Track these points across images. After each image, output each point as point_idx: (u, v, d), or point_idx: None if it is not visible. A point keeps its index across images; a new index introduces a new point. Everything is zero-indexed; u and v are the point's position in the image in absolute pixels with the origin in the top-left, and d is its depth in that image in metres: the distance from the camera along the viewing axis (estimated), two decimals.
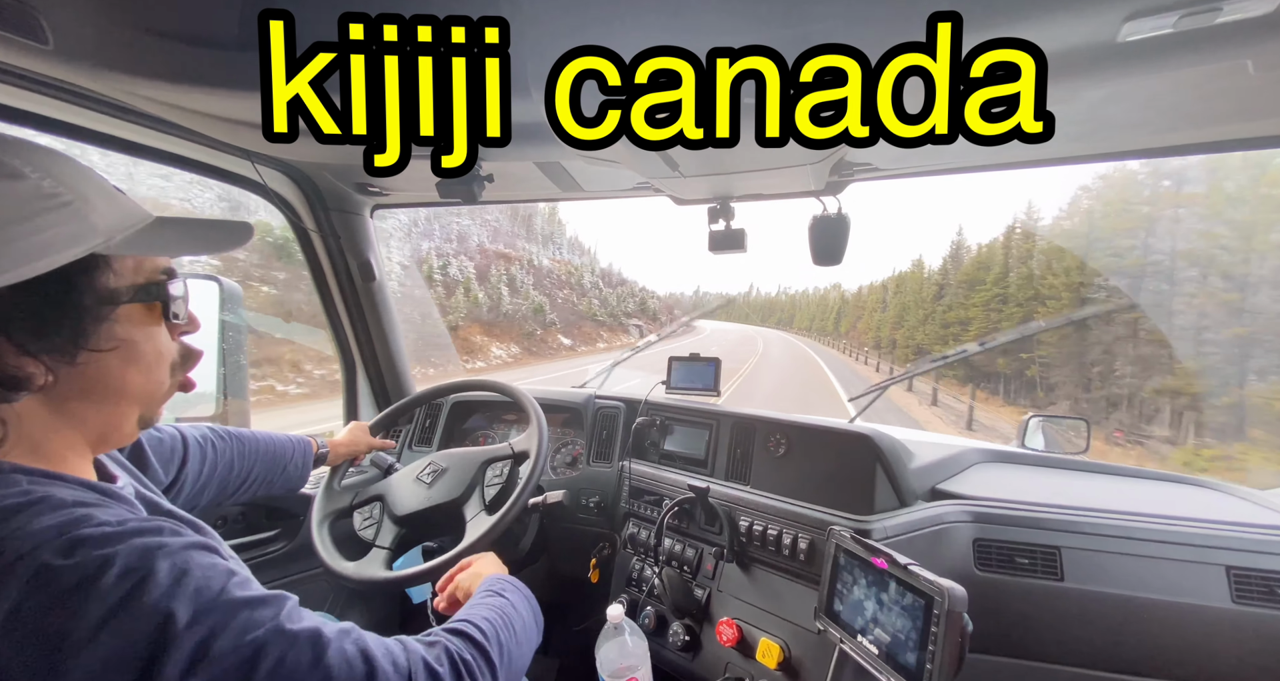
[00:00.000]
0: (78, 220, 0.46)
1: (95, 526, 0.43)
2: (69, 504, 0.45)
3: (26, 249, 0.43)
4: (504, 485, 1.15)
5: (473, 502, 1.13)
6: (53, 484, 0.47)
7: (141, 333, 0.53)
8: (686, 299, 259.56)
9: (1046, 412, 1.59)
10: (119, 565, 0.41)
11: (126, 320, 0.52)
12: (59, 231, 0.45)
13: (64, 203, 0.46)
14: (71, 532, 0.42)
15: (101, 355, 0.50)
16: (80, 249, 0.46)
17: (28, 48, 0.75)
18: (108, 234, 0.48)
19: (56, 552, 0.40)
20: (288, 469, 1.07)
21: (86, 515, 0.44)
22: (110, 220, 0.49)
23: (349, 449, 1.25)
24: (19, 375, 0.46)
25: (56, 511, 0.44)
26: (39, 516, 0.43)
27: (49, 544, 0.41)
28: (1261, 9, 0.61)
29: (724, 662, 1.09)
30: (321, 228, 1.49)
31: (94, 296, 0.49)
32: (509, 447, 1.21)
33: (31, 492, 0.45)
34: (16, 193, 0.44)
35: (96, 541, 0.42)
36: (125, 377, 0.53)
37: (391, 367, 1.71)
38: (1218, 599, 0.92)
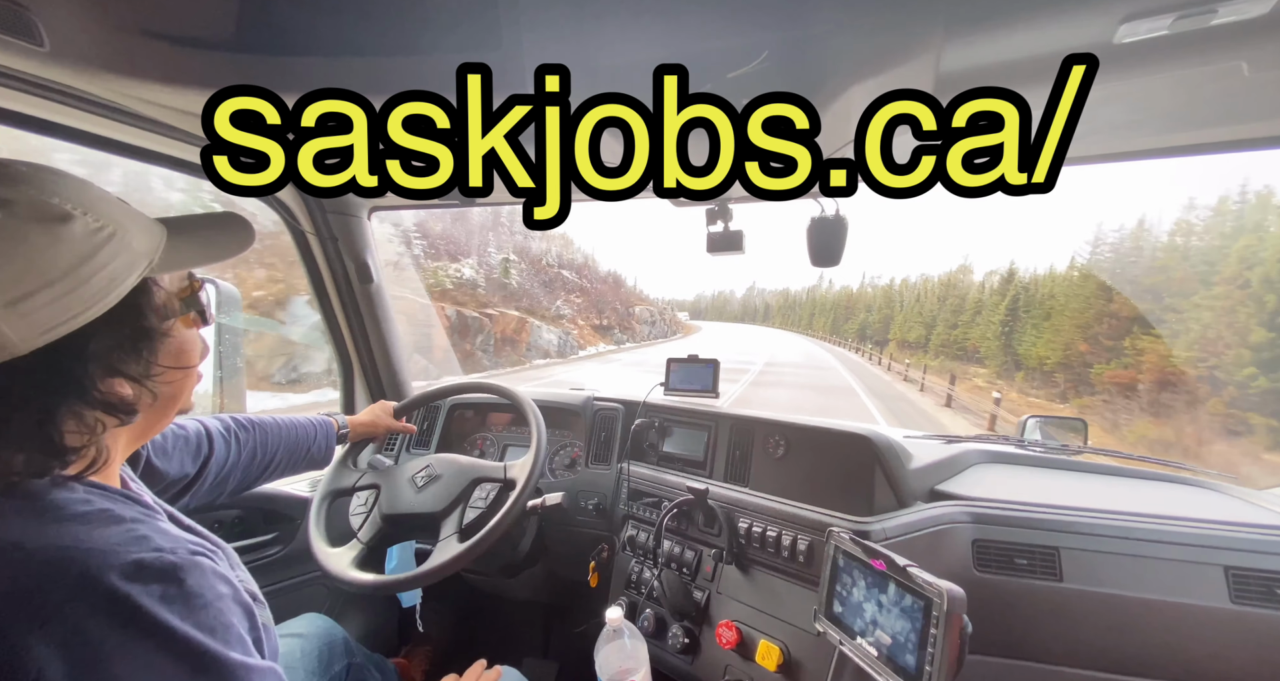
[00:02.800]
0: (125, 248, 0.49)
1: (155, 552, 0.45)
2: (126, 519, 0.48)
3: (99, 285, 0.46)
4: (484, 511, 1.12)
5: (450, 521, 1.11)
6: (104, 496, 0.50)
7: (187, 337, 0.58)
8: (685, 303, 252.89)
9: (1046, 414, 1.57)
10: (168, 606, 0.43)
11: (178, 332, 0.57)
12: (118, 263, 0.48)
13: (110, 235, 0.48)
14: (135, 553, 0.44)
15: (171, 368, 0.55)
16: (136, 275, 0.50)
17: (23, 50, 0.74)
18: (149, 255, 0.52)
19: (121, 575, 0.43)
20: (311, 450, 1.09)
21: (145, 536, 0.47)
22: (146, 242, 0.52)
23: (368, 429, 1.26)
24: (128, 400, 0.50)
25: (118, 525, 0.47)
26: (103, 528, 0.46)
27: (117, 566, 0.43)
28: (1257, 11, 0.62)
29: (724, 665, 1.09)
30: (319, 230, 1.48)
31: (156, 316, 0.53)
32: (503, 470, 1.19)
33: (91, 502, 0.48)
34: (73, 234, 0.46)
35: (157, 572, 0.44)
36: (184, 383, 0.58)
37: (389, 370, 1.71)
38: (1217, 599, 0.93)
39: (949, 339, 39.82)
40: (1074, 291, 28.32)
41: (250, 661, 0.46)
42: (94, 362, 0.47)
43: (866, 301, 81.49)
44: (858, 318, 77.39)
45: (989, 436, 1.55)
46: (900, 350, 44.71)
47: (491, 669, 0.92)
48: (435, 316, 16.05)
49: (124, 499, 0.52)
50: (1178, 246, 26.16)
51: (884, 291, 70.27)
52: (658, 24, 0.72)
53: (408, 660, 1.59)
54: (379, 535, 1.14)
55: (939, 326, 42.65)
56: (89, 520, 0.46)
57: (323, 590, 1.43)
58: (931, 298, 50.76)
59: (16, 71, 0.81)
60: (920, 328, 47.51)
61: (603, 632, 0.99)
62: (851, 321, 79.10)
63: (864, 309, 78.50)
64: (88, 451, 0.48)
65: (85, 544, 0.43)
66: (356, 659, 1.08)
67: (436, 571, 1.03)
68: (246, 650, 0.48)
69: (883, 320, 63.27)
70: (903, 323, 52.89)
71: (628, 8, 0.72)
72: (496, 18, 0.73)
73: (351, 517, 1.17)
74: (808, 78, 0.74)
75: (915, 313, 50.96)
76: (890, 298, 65.54)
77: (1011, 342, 30.17)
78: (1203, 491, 1.25)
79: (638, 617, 1.24)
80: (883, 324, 62.58)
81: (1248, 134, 0.96)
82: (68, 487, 0.48)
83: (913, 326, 49.12)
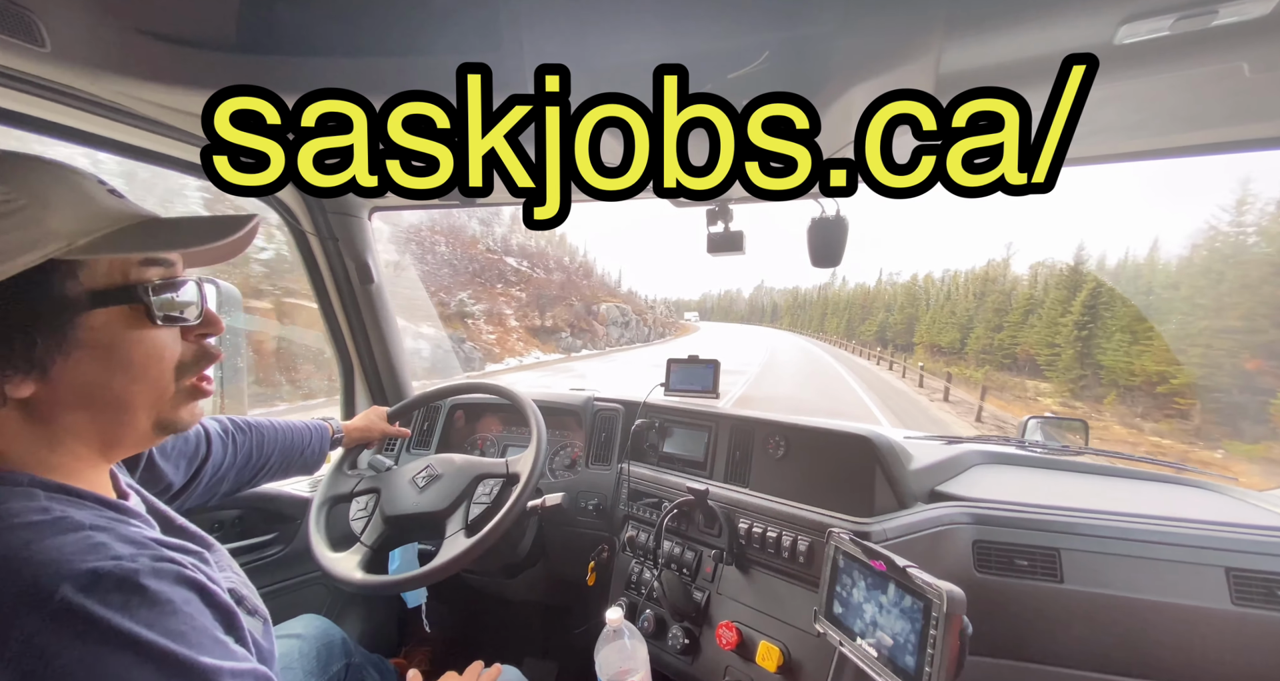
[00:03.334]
0: (31, 225, 0.45)
1: (113, 560, 0.43)
2: (85, 526, 0.45)
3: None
4: (489, 506, 1.13)
5: (455, 518, 1.12)
6: (70, 501, 0.47)
7: (126, 336, 0.51)
8: (691, 303, 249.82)
9: (1046, 415, 1.58)
10: (129, 615, 0.41)
11: (104, 325, 0.50)
12: (6, 239, 0.44)
13: (16, 208, 0.45)
14: (89, 563, 0.41)
15: (76, 363, 0.48)
16: (34, 255, 0.45)
17: (24, 50, 0.75)
18: (69, 237, 0.46)
19: (75, 586, 0.40)
20: (305, 454, 1.09)
21: (102, 543, 0.44)
22: (74, 224, 0.47)
23: (362, 433, 1.26)
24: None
25: (74, 533, 0.44)
26: (56, 537, 0.43)
27: (70, 577, 0.40)
28: (1257, 12, 0.62)
29: (724, 665, 1.08)
30: (319, 230, 1.49)
31: (53, 303, 0.47)
32: (504, 466, 1.19)
33: (50, 510, 0.45)
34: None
35: (116, 581, 0.41)
36: (111, 383, 0.50)
37: (390, 370, 1.71)
38: (1218, 600, 0.92)
39: (992, 343, 33.58)
40: (1208, 279, 17.97)
41: (225, 664, 0.44)
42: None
43: (885, 299, 71.08)
44: (876, 318, 67.66)
45: (990, 437, 1.55)
46: (931, 356, 39.15)
47: (491, 667, 0.92)
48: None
49: (95, 504, 0.49)
50: None
51: (906, 288, 60.64)
52: (658, 24, 0.72)
53: (406, 660, 1.59)
54: (382, 537, 1.14)
55: (977, 328, 36.88)
56: (40, 528, 0.43)
57: (322, 590, 1.43)
58: (965, 294, 44.40)
59: (18, 72, 0.81)
60: (954, 330, 40.91)
61: (603, 633, 0.98)
62: (869, 322, 69.43)
63: (883, 308, 68.59)
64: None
65: (36, 554, 0.41)
66: (355, 659, 1.08)
67: (445, 567, 1.03)
68: (224, 652, 0.46)
69: (906, 321, 55.18)
70: (930, 324, 45.94)
71: (628, 8, 0.72)
72: (496, 18, 0.73)
73: (352, 523, 1.17)
74: (808, 78, 0.74)
75: (946, 312, 44.38)
76: (913, 294, 56.47)
77: (1091, 351, 22.67)
78: (1204, 492, 1.24)
79: (638, 618, 1.23)
80: (906, 325, 54.65)
81: (1249, 135, 0.96)
82: (28, 495, 0.45)
83: (944, 329, 42.46)
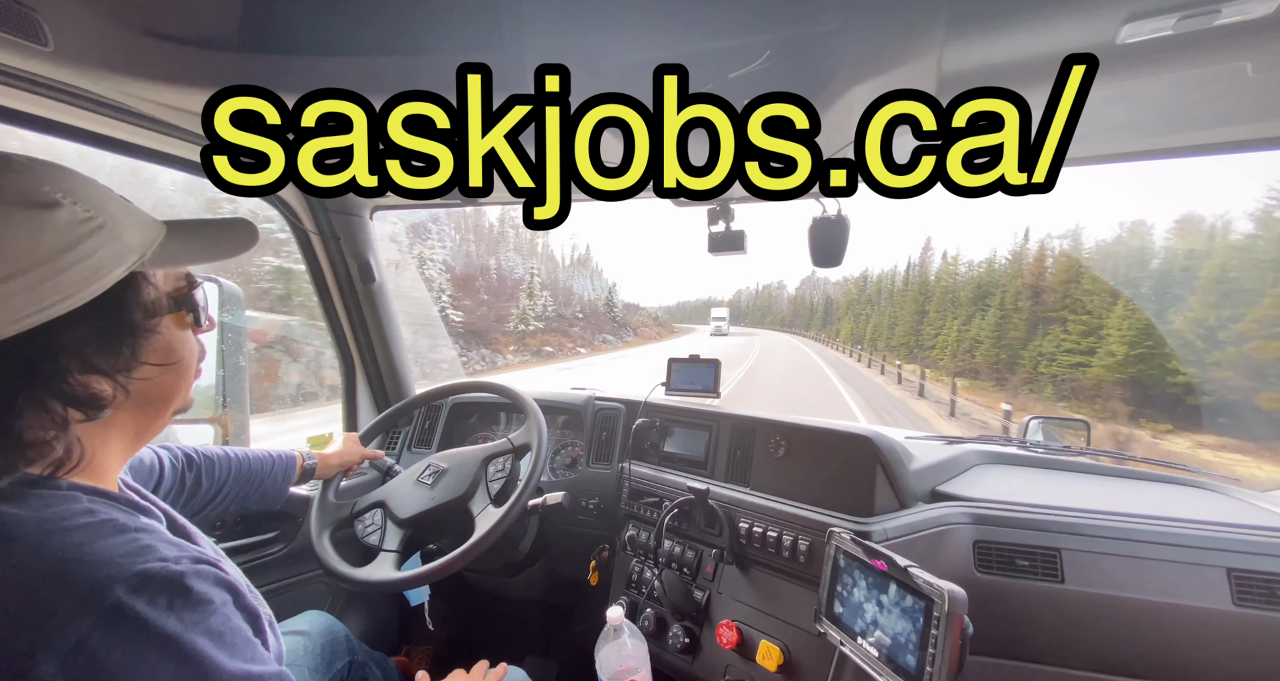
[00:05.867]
0: (114, 240, 0.48)
1: (160, 562, 0.45)
2: (130, 529, 0.47)
3: (80, 275, 0.45)
4: (507, 479, 1.17)
5: (478, 498, 1.14)
6: (108, 504, 0.50)
7: (179, 339, 0.57)
8: (721, 300, 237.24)
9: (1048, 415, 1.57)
10: (175, 615, 0.43)
11: (167, 330, 0.55)
12: (103, 254, 0.47)
13: (99, 225, 0.47)
14: (140, 565, 0.43)
15: (154, 366, 0.53)
16: (123, 268, 0.49)
17: (28, 49, 0.75)
18: (141, 250, 0.50)
19: (128, 588, 0.42)
20: (264, 485, 1.06)
21: (150, 546, 0.46)
22: (138, 236, 0.51)
23: (341, 460, 1.23)
24: (100, 395, 0.49)
25: (121, 535, 0.46)
26: (105, 539, 0.45)
27: (122, 579, 0.42)
28: (1260, 11, 0.61)
29: (724, 665, 1.09)
30: (321, 229, 1.49)
31: (141, 311, 0.52)
32: (508, 442, 1.21)
33: (95, 513, 0.47)
34: (58, 221, 0.45)
35: (164, 582, 0.44)
36: (164, 380, 0.56)
37: (391, 370, 1.71)
38: (1219, 601, 0.92)
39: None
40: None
41: (254, 667, 0.46)
42: (66, 354, 0.46)
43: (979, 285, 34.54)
44: (992, 317, 30.03)
45: (991, 437, 1.55)
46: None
47: (497, 666, 0.92)
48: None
49: (129, 508, 0.51)
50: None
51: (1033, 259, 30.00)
52: (659, 24, 0.72)
53: (408, 658, 1.60)
54: (405, 540, 1.13)
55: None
56: (92, 531, 0.45)
57: (323, 588, 1.43)
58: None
59: (21, 71, 0.81)
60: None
61: (603, 632, 0.99)
62: (977, 324, 31.59)
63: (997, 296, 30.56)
64: (53, 448, 0.47)
65: (89, 556, 0.43)
66: (358, 656, 1.08)
67: (484, 539, 1.04)
68: (256, 653, 0.47)
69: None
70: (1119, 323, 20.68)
71: (628, 8, 0.72)
72: (497, 18, 0.74)
73: (365, 539, 1.15)
74: (809, 78, 0.74)
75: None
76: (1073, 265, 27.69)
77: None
78: (1205, 493, 1.24)
79: (638, 617, 1.24)
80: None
81: (1251, 134, 0.95)
82: (72, 498, 0.47)
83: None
